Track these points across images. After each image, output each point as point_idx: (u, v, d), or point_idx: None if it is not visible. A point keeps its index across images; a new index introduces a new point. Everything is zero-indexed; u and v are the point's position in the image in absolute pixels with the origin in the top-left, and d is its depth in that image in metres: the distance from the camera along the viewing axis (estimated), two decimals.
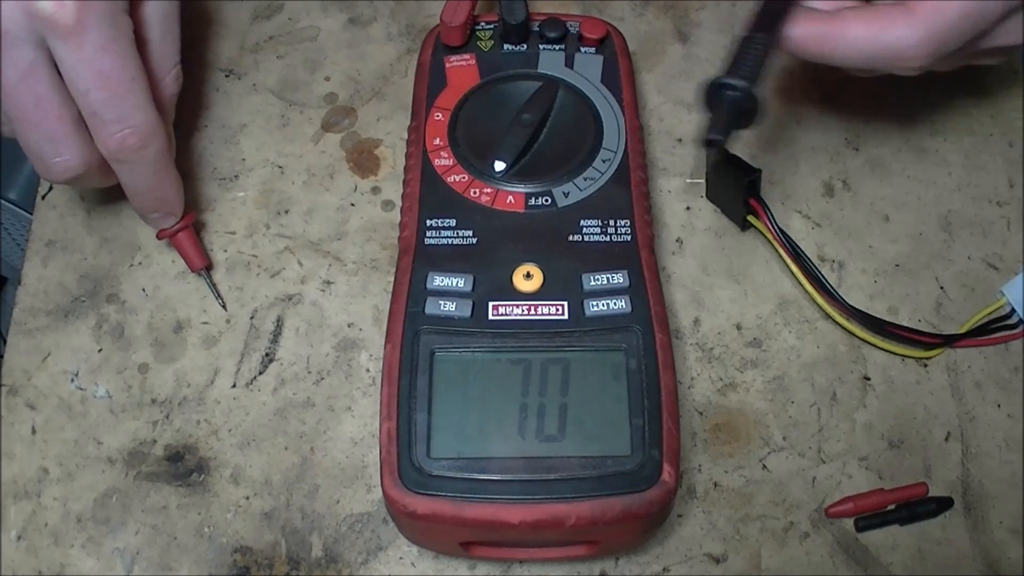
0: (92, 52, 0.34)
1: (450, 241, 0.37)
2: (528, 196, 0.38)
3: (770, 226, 0.41)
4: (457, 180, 0.38)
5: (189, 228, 0.41)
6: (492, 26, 0.43)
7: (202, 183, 0.44)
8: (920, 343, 0.40)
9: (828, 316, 0.40)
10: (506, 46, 0.42)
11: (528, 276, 0.36)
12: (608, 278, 0.36)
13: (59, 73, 0.35)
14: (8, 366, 0.40)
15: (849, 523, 0.37)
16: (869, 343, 0.40)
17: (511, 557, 0.36)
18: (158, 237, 0.41)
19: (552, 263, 0.36)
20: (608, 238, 0.37)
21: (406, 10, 0.49)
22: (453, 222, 0.37)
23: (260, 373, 0.40)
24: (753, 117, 0.36)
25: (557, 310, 0.35)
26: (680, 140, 0.45)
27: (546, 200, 0.38)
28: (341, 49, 0.48)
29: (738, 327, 0.41)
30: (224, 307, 0.41)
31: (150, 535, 0.37)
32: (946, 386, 0.40)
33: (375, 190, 0.44)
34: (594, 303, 0.35)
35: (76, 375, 0.40)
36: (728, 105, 0.36)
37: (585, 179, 0.38)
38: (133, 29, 0.36)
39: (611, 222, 0.37)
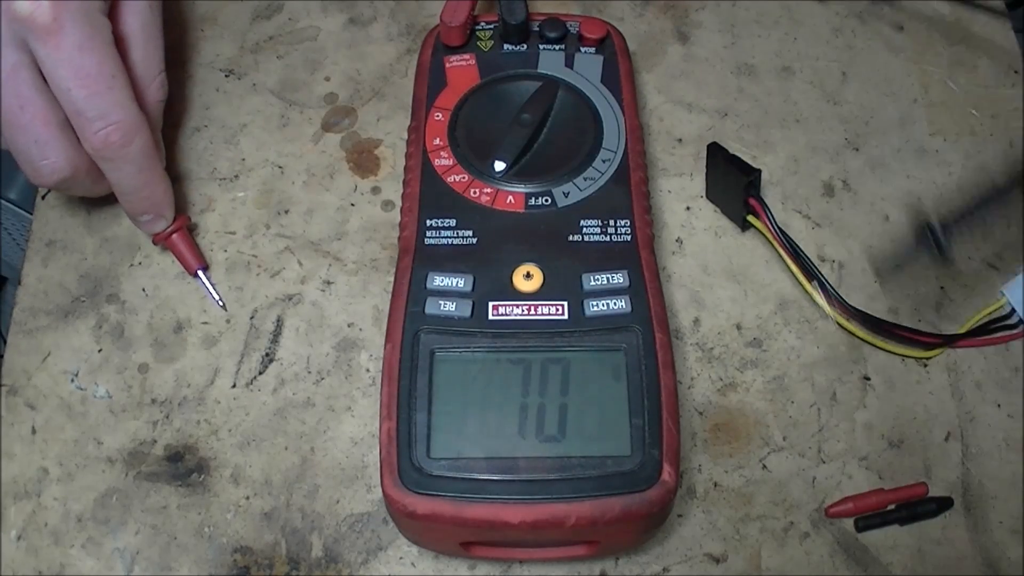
0: (71, 50, 0.35)
1: (450, 241, 0.37)
2: (528, 196, 0.38)
3: (770, 226, 0.41)
4: (457, 180, 0.38)
5: (183, 230, 0.41)
6: (492, 26, 0.43)
7: (202, 183, 0.44)
8: (920, 343, 0.40)
9: (828, 316, 0.40)
10: (506, 46, 0.42)
11: (528, 276, 0.36)
12: (608, 278, 0.36)
13: (43, 77, 0.36)
14: (8, 366, 0.40)
15: (849, 523, 0.37)
16: (869, 343, 0.40)
17: (511, 557, 0.36)
18: (154, 242, 0.41)
19: (552, 263, 0.36)
20: (608, 238, 0.37)
21: (406, 10, 0.49)
22: (453, 222, 0.37)
23: (260, 373, 0.40)
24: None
25: (557, 310, 0.35)
26: (680, 140, 0.45)
27: (546, 200, 0.38)
28: (341, 49, 0.48)
29: (738, 327, 0.41)
30: (224, 308, 0.41)
31: (150, 535, 0.37)
32: (946, 386, 0.40)
33: (375, 190, 0.44)
34: (594, 303, 0.35)
35: (76, 375, 0.40)
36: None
37: (585, 179, 0.38)
38: (112, 31, 0.37)
39: (611, 222, 0.37)
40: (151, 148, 0.38)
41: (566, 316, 0.35)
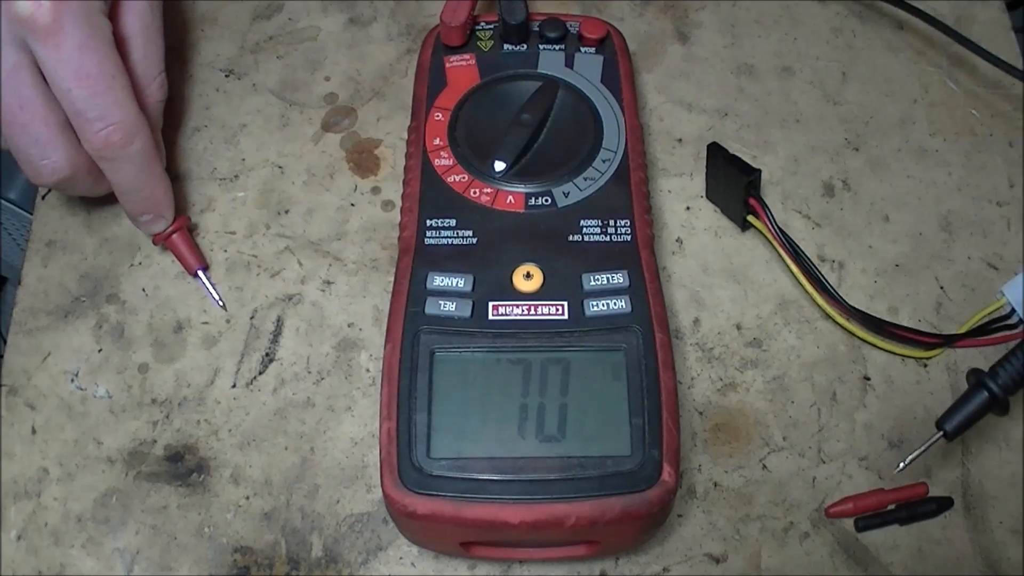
0: (71, 51, 0.35)
1: (450, 241, 0.37)
2: (528, 196, 0.38)
3: (770, 226, 0.41)
4: (457, 180, 0.38)
5: (183, 230, 0.41)
6: (492, 26, 0.43)
7: (202, 183, 0.44)
8: (920, 343, 0.40)
9: (828, 316, 0.40)
10: (506, 46, 0.42)
11: (528, 276, 0.36)
12: (608, 278, 0.36)
13: (43, 78, 0.36)
14: (8, 366, 0.40)
15: (849, 523, 0.37)
16: (869, 343, 0.40)
17: (511, 557, 0.36)
18: (154, 242, 0.41)
19: (552, 263, 0.36)
20: (608, 238, 0.37)
21: (406, 10, 0.49)
22: (453, 222, 0.37)
23: (260, 373, 0.40)
24: (997, 412, 0.35)
25: (557, 310, 0.35)
26: (680, 140, 0.45)
27: (546, 200, 0.38)
28: (341, 49, 0.48)
29: (738, 327, 0.41)
30: (224, 308, 0.41)
31: (150, 535, 0.37)
32: (946, 386, 0.40)
33: (375, 190, 0.44)
34: (594, 303, 0.35)
35: (76, 375, 0.40)
36: (978, 404, 0.34)
37: (585, 179, 0.38)
38: (112, 31, 0.37)
39: (611, 222, 0.37)
40: (151, 148, 0.38)
41: (566, 316, 0.35)
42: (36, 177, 0.38)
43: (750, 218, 0.41)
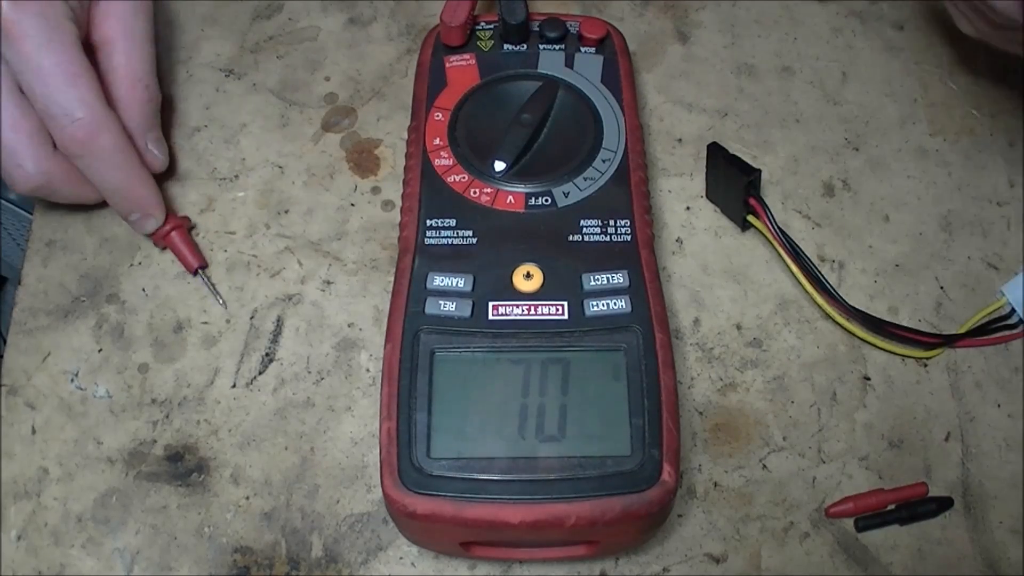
0: (32, 50, 0.36)
1: (450, 241, 0.37)
2: (528, 196, 0.38)
3: (770, 226, 0.41)
4: (457, 180, 0.38)
5: (181, 229, 0.41)
6: (492, 26, 0.43)
7: (202, 183, 0.44)
8: (920, 343, 0.40)
9: (828, 316, 0.40)
10: (506, 46, 0.42)
11: (528, 276, 0.36)
12: (608, 278, 0.36)
13: (17, 86, 0.36)
14: (8, 366, 0.40)
15: (849, 523, 0.37)
16: (869, 343, 0.40)
17: (511, 557, 0.36)
18: (154, 243, 0.41)
19: (552, 263, 0.36)
20: (608, 238, 0.37)
21: (406, 10, 0.49)
22: (453, 222, 0.37)
23: (260, 373, 0.40)
24: None
25: (557, 310, 0.35)
26: (680, 140, 0.45)
27: (546, 200, 0.38)
28: (341, 49, 0.48)
29: (738, 327, 0.41)
30: (224, 306, 0.41)
31: (150, 535, 0.37)
32: (946, 386, 0.40)
33: (375, 190, 0.44)
34: (594, 303, 0.35)
35: (76, 375, 0.40)
36: None
37: (585, 179, 0.38)
38: (79, 35, 0.37)
39: (611, 222, 0.37)
40: (123, 146, 0.39)
41: (566, 316, 0.35)
42: (12, 185, 0.38)
43: (750, 218, 0.41)
